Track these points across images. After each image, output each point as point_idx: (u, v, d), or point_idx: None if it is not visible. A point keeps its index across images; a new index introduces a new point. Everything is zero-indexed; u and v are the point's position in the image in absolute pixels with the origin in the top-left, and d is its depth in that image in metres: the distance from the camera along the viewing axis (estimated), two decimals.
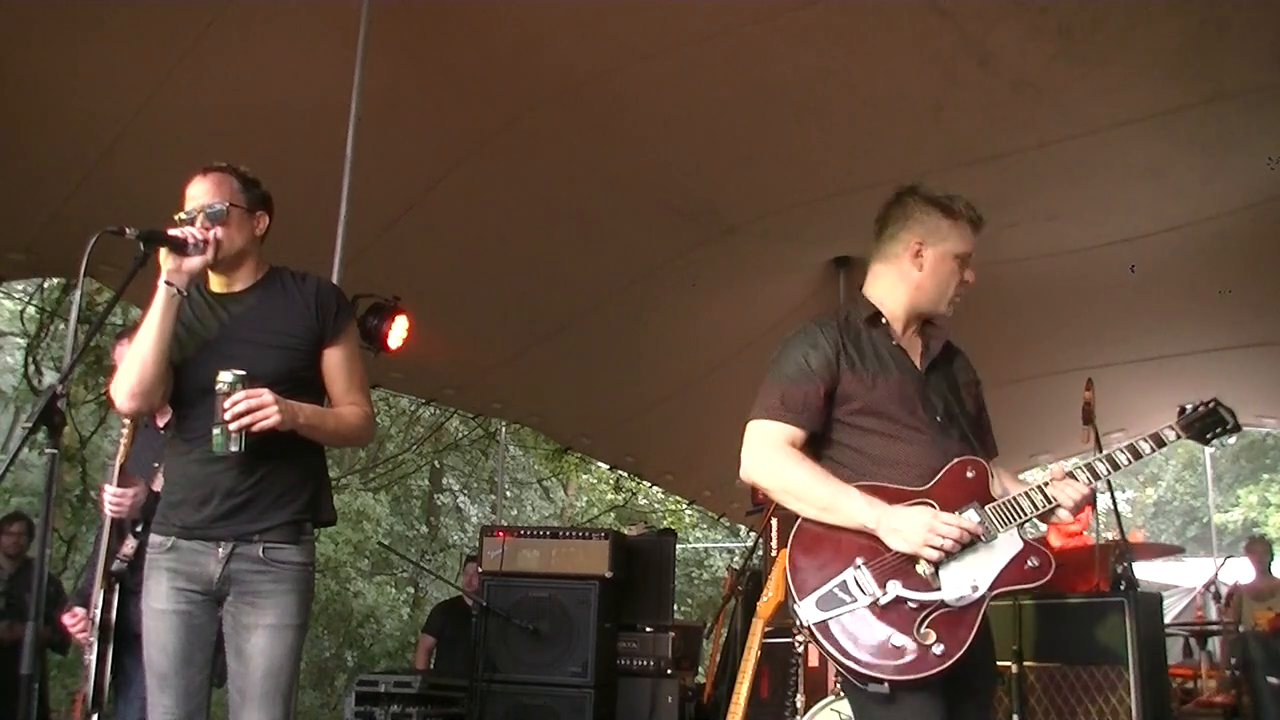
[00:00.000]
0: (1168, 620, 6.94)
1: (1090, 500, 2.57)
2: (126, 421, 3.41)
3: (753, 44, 4.51)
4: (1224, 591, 7.52)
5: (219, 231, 2.74)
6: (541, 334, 7.14)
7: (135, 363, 2.67)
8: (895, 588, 2.29)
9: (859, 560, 2.33)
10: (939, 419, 2.52)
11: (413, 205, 5.60)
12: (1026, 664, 4.52)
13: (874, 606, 2.29)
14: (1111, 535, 5.15)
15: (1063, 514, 2.50)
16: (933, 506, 2.37)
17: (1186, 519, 23.80)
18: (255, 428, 2.60)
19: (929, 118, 4.89)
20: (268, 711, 2.67)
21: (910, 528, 2.31)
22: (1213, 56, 4.40)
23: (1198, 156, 5.17)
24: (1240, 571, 8.50)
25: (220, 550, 2.70)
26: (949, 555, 2.33)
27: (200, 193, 2.80)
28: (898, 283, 2.61)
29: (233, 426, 2.59)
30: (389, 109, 4.59)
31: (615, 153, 5.40)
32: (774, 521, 5.52)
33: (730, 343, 7.26)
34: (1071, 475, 2.51)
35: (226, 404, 2.58)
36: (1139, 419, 9.10)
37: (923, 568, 2.32)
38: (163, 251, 2.65)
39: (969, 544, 2.35)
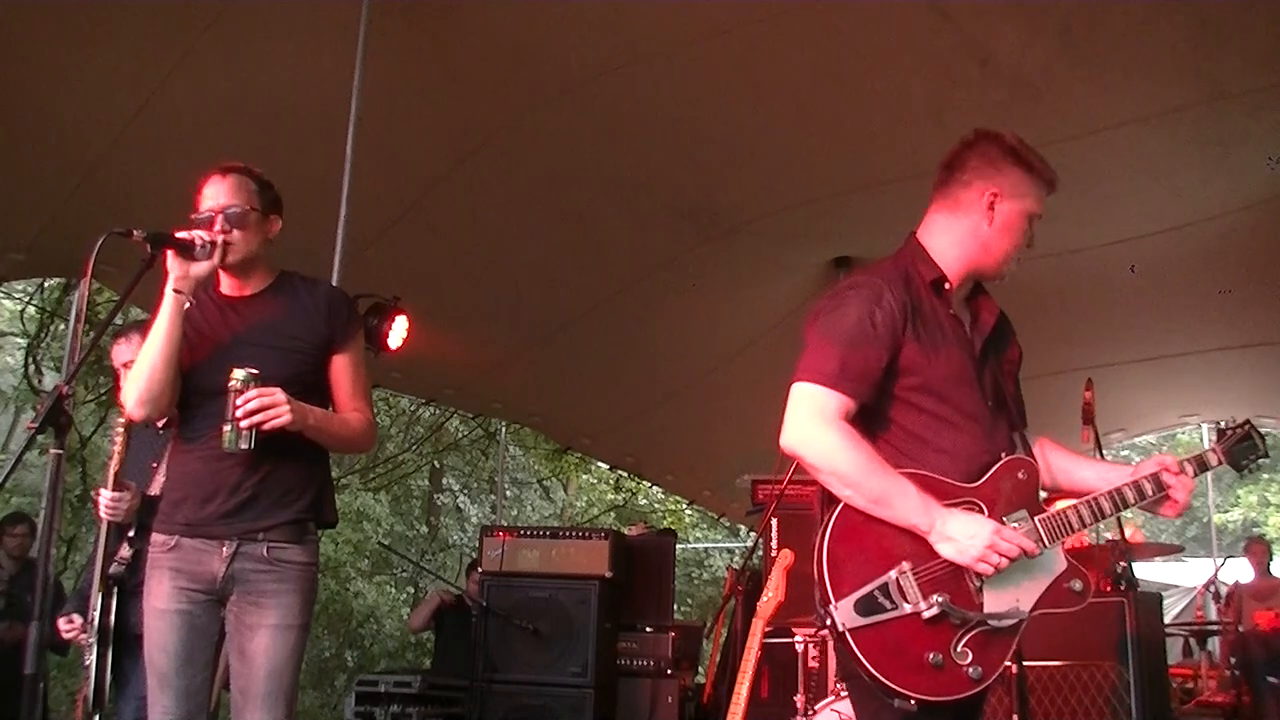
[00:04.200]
0: (1168, 620, 6.94)
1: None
2: (121, 425, 3.41)
3: (753, 44, 4.51)
4: (1224, 591, 7.52)
5: (236, 234, 2.75)
6: (541, 334, 7.14)
7: (144, 369, 2.68)
8: (940, 601, 2.09)
9: (905, 564, 2.11)
10: (990, 404, 2.30)
11: (413, 205, 5.60)
12: (1026, 663, 4.51)
13: (915, 618, 2.09)
14: (1111, 535, 5.15)
15: (1168, 509, 2.36)
16: (980, 508, 2.19)
17: (1186, 519, 23.75)
18: (266, 426, 2.61)
19: (929, 118, 4.89)
20: (271, 711, 2.66)
21: (967, 540, 2.10)
22: (1213, 56, 4.40)
23: (1198, 156, 5.17)
24: (1240, 571, 8.50)
25: (225, 549, 2.70)
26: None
27: (218, 193, 2.78)
28: (964, 236, 2.33)
29: (244, 424, 2.59)
30: (389, 109, 4.59)
31: (615, 153, 5.40)
32: (774, 521, 5.52)
33: (731, 343, 7.26)
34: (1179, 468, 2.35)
35: (239, 401, 2.59)
36: (1139, 419, 9.13)
37: (970, 580, 2.14)
38: (169, 256, 2.65)
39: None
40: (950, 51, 4.46)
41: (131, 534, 3.46)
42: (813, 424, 2.18)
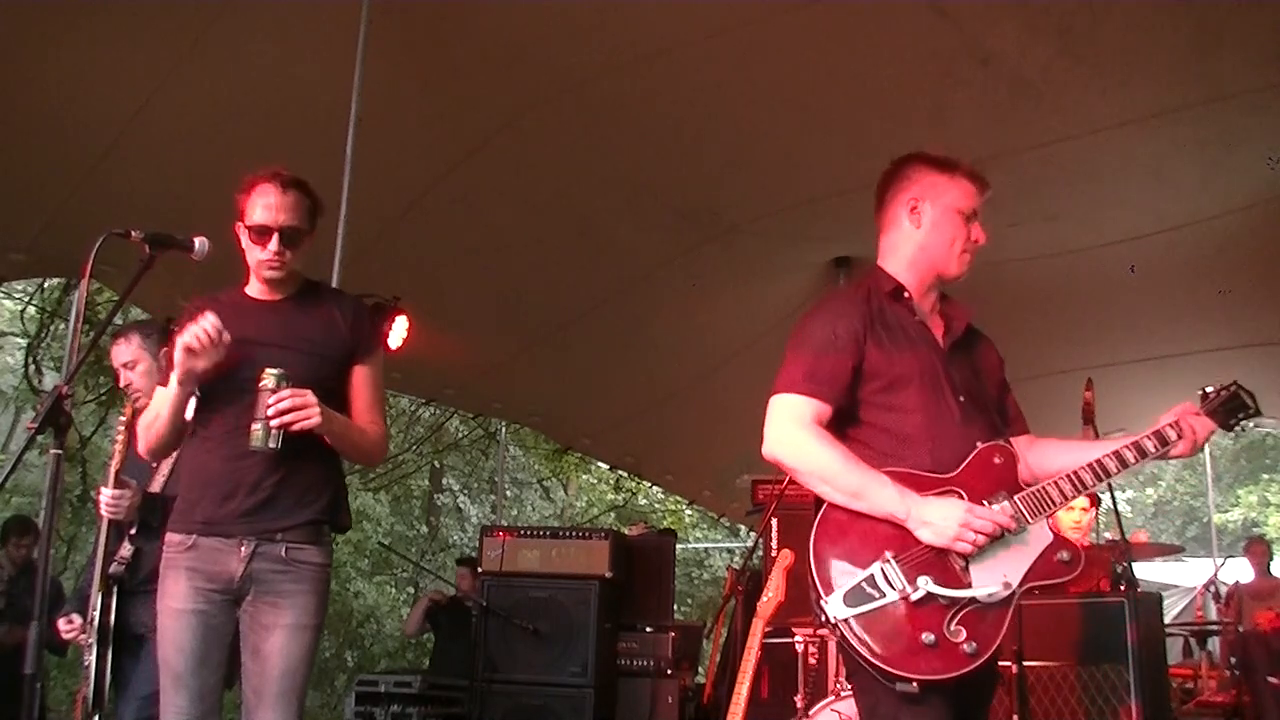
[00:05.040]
0: (1168, 620, 6.94)
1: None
2: (122, 423, 3.42)
3: (753, 44, 4.51)
4: (1224, 591, 7.52)
5: (288, 255, 2.81)
6: (541, 334, 7.14)
7: (151, 429, 2.80)
8: (926, 583, 2.19)
9: (888, 553, 2.22)
10: (962, 400, 2.41)
11: (413, 205, 5.60)
12: (1027, 664, 4.52)
13: (904, 602, 2.19)
14: (1111, 535, 5.15)
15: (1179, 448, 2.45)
16: (960, 495, 2.28)
17: (1186, 519, 23.79)
18: (295, 427, 2.63)
19: (929, 118, 4.89)
20: (284, 711, 2.68)
21: (942, 521, 2.22)
22: (1213, 56, 4.40)
23: (1198, 156, 5.17)
24: (1240, 571, 8.50)
25: (243, 549, 2.71)
26: (979, 549, 2.24)
27: (275, 208, 2.79)
28: (905, 248, 2.51)
29: (274, 423, 2.61)
30: (389, 109, 4.59)
31: (615, 153, 5.40)
32: (774, 521, 5.52)
33: (731, 343, 7.26)
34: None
35: (271, 400, 2.61)
36: (1139, 419, 9.07)
37: (954, 561, 2.24)
38: (177, 351, 2.67)
39: (999, 536, 2.26)
40: (950, 51, 4.46)
41: (133, 532, 3.46)
42: (788, 429, 2.34)
